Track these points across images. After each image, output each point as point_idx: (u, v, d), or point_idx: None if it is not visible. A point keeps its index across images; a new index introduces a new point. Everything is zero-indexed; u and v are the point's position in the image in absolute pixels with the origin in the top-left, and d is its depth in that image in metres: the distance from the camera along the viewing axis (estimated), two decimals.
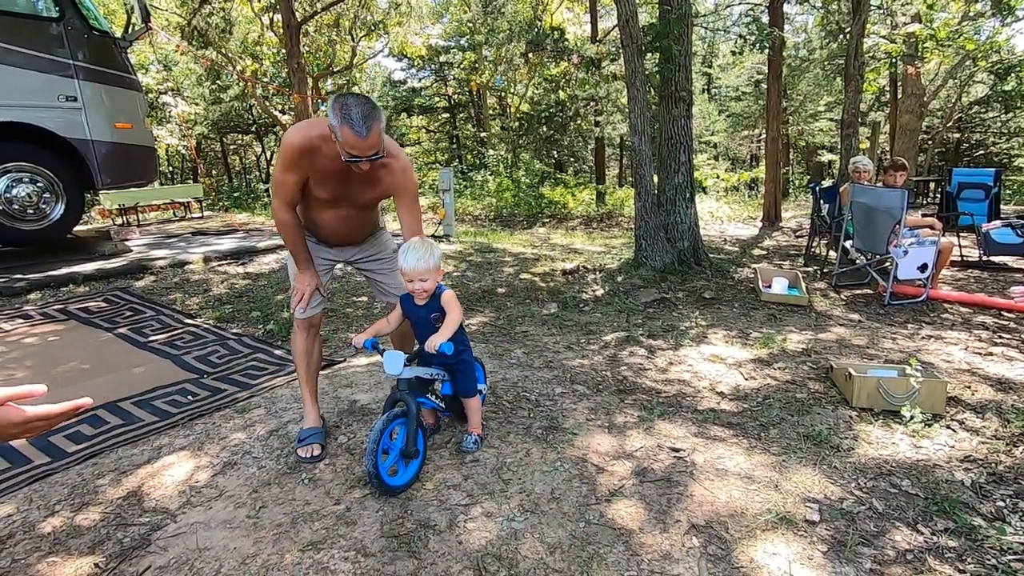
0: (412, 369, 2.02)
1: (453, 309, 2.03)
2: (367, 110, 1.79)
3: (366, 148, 1.82)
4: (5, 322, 3.85)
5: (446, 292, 2.05)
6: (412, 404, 1.95)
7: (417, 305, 2.05)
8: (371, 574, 1.59)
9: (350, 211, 2.16)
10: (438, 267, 1.99)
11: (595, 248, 7.51)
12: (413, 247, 1.96)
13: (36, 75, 5.14)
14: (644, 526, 1.76)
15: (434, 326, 2.02)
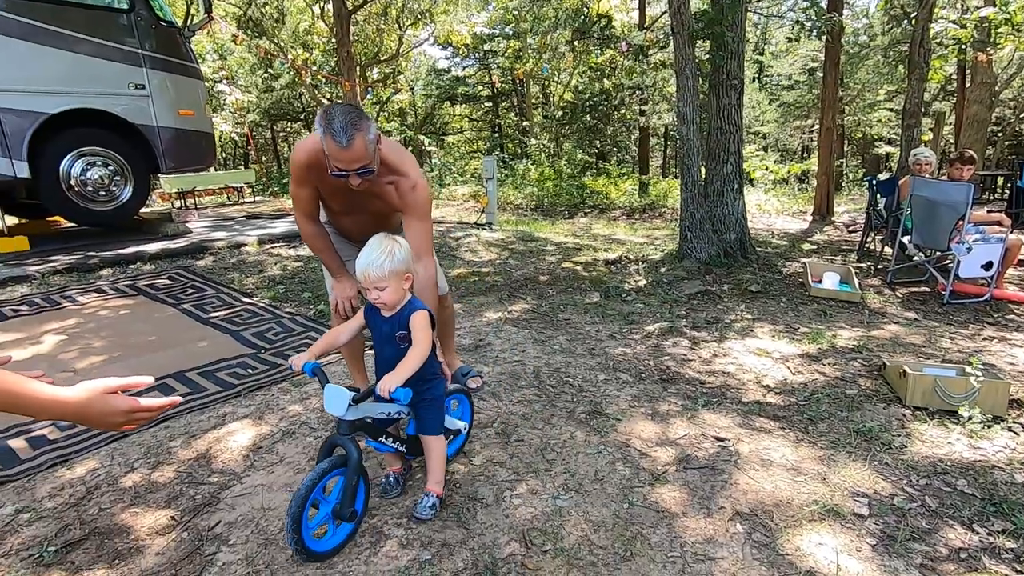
0: (360, 409, 1.58)
1: (421, 339, 1.61)
2: (350, 119, 1.65)
3: (349, 160, 1.68)
4: (81, 296, 4.14)
5: (417, 313, 1.64)
6: (353, 453, 1.55)
7: (382, 317, 1.69)
8: (422, 540, 1.67)
9: (366, 218, 2.09)
10: (399, 274, 1.60)
11: (637, 239, 7.44)
12: (368, 245, 1.61)
13: (109, 64, 5.44)
14: (687, 510, 1.78)
15: (398, 347, 1.64)
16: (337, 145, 1.65)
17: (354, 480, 1.58)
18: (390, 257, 1.58)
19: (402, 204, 1.94)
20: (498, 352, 3.16)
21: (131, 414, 0.96)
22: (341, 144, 1.65)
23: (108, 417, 0.94)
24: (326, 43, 16.54)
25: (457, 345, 3.27)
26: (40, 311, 3.84)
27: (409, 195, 1.92)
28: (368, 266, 1.57)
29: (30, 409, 0.85)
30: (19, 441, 2.25)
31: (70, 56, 5.18)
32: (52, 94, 5.12)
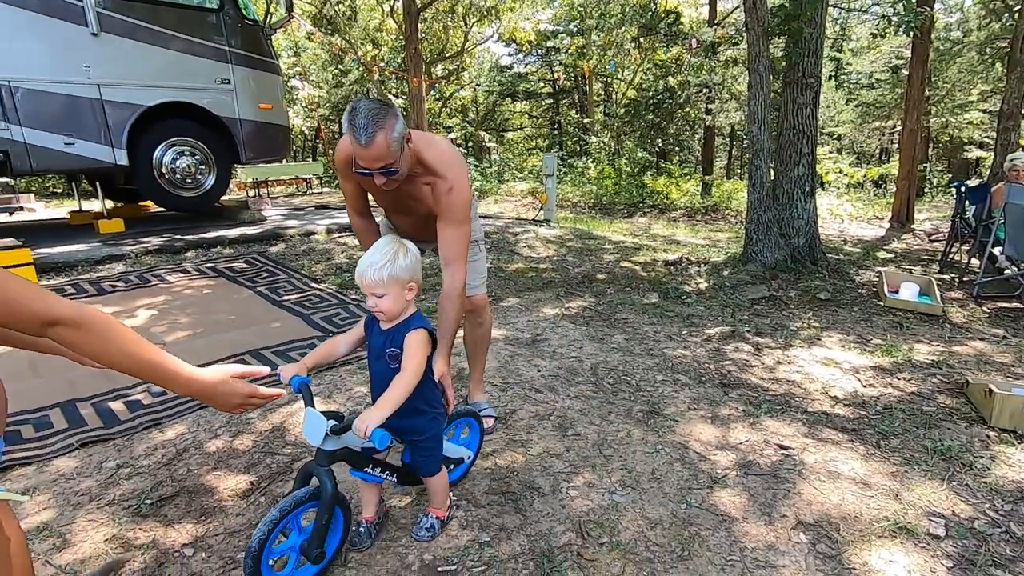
0: (339, 440, 1.40)
1: (409, 364, 1.41)
2: (372, 116, 1.56)
3: (371, 158, 1.60)
4: (169, 275, 4.47)
5: (414, 332, 1.44)
6: (328, 487, 1.38)
7: (378, 328, 1.51)
8: (480, 522, 1.73)
9: (415, 218, 2.01)
10: (400, 282, 1.42)
11: (699, 241, 7.26)
12: (373, 247, 1.45)
13: (199, 60, 5.83)
14: (748, 516, 1.75)
15: (388, 365, 1.46)
16: (357, 142, 1.57)
17: (326, 517, 1.39)
18: (391, 262, 1.40)
19: (437, 207, 1.83)
20: (555, 347, 3.19)
21: (248, 399, 1.06)
22: (360, 142, 1.57)
23: (230, 398, 1.03)
24: (394, 40, 17.00)
25: (514, 338, 3.33)
26: (134, 287, 4.18)
27: (444, 198, 1.80)
28: (366, 270, 1.40)
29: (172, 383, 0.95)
30: (118, 404, 2.48)
31: (165, 53, 5.59)
32: (149, 88, 5.55)
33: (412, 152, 1.74)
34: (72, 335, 0.80)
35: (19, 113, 4.87)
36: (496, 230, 6.44)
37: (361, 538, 1.62)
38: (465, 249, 1.87)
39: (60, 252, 4.81)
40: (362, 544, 1.61)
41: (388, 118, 1.58)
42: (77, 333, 0.81)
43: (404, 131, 1.65)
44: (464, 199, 1.83)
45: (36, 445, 2.13)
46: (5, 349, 3.08)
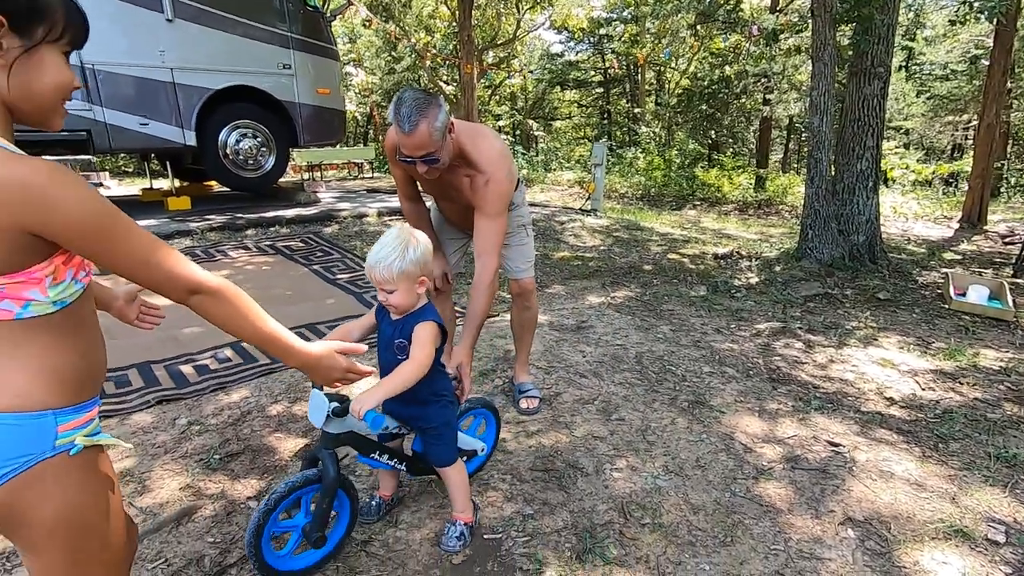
0: (341, 423, 1.38)
1: (417, 354, 1.37)
2: (416, 105, 1.61)
3: (412, 147, 1.65)
4: (232, 251, 4.71)
5: (422, 325, 1.39)
6: (330, 471, 1.36)
7: (390, 319, 1.47)
8: (524, 495, 1.78)
9: (459, 207, 2.05)
10: (410, 276, 1.36)
11: (750, 235, 7.07)
12: (381, 240, 1.39)
13: (262, 46, 6.06)
14: (793, 508, 1.74)
15: (395, 356, 1.44)
16: (401, 131, 1.62)
17: (327, 502, 1.37)
18: (401, 256, 1.34)
19: (474, 199, 1.87)
20: (600, 335, 3.20)
21: (347, 373, 1.11)
22: (404, 130, 1.62)
23: (331, 372, 1.08)
24: (447, 27, 17.11)
25: (559, 324, 3.36)
26: (200, 262, 4.42)
27: (481, 190, 1.83)
28: (375, 265, 1.35)
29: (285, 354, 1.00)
30: (188, 367, 2.65)
31: (232, 38, 5.84)
32: (217, 72, 5.81)
33: (455, 143, 1.79)
34: (209, 303, 0.88)
35: (101, 95, 5.20)
36: (543, 218, 6.45)
37: (371, 511, 1.64)
38: (498, 242, 1.88)
39: None
40: (369, 516, 1.64)
41: (432, 108, 1.63)
42: (214, 302, 0.88)
43: (447, 122, 1.69)
44: (500, 192, 1.85)
45: (117, 400, 2.32)
46: None
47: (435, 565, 1.50)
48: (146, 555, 1.51)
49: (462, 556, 1.53)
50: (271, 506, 1.32)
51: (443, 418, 1.54)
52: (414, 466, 1.60)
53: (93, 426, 0.87)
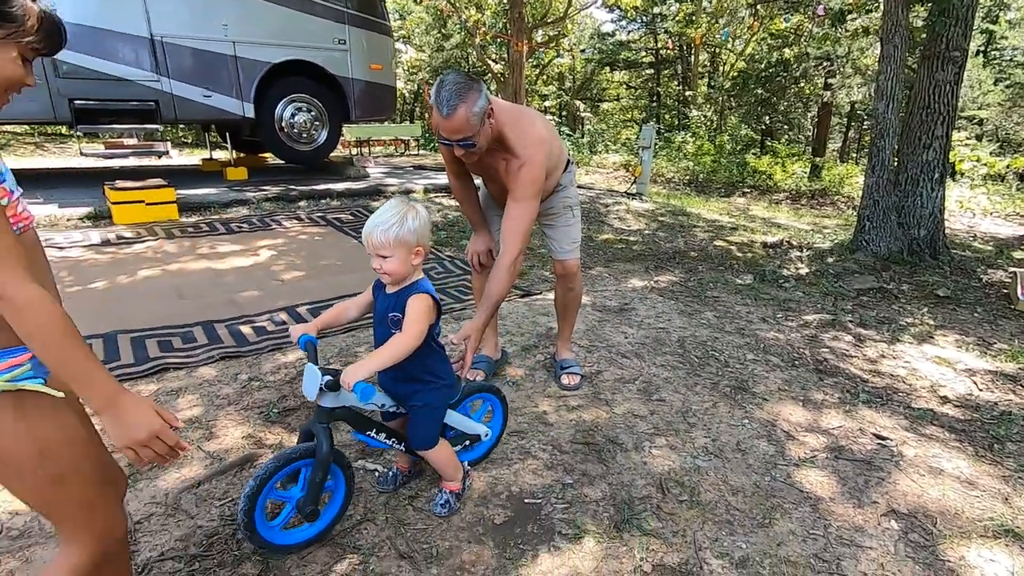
0: (334, 397, 1.38)
1: (408, 327, 1.36)
2: (456, 89, 1.64)
3: (450, 131, 1.69)
4: (286, 221, 4.89)
5: (416, 296, 1.39)
6: (323, 445, 1.36)
7: (385, 293, 1.46)
8: (564, 465, 1.83)
9: (500, 187, 2.06)
10: (407, 244, 1.36)
11: (802, 225, 6.84)
12: (383, 207, 1.40)
13: (319, 21, 6.18)
14: (835, 497, 1.73)
15: (390, 331, 1.42)
16: (440, 114, 1.66)
17: (319, 476, 1.36)
18: (399, 223, 1.35)
19: (506, 181, 1.90)
20: (643, 317, 3.20)
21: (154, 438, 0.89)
22: (443, 113, 1.65)
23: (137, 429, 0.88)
24: (497, 4, 16.94)
25: (602, 305, 3.38)
26: (256, 230, 4.62)
27: (514, 173, 1.86)
28: (373, 230, 1.36)
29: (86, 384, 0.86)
30: (247, 328, 2.81)
31: (291, 13, 5.98)
32: (275, 46, 5.97)
33: (494, 128, 1.81)
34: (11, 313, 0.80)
35: (168, 67, 5.43)
36: (587, 200, 6.42)
37: (386, 480, 1.67)
38: (526, 226, 1.89)
39: (195, 194, 5.38)
40: (384, 486, 1.67)
41: (471, 93, 1.65)
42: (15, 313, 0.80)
43: (486, 107, 1.71)
44: (532, 178, 1.87)
45: (184, 354, 2.48)
46: (156, 273, 3.53)
47: (478, 523, 1.57)
48: (214, 493, 1.64)
49: (503, 517, 1.60)
50: (265, 476, 1.31)
51: (432, 400, 1.50)
52: (410, 446, 1.57)
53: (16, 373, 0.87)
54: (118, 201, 4.50)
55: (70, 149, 10.79)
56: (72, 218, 4.52)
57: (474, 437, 1.75)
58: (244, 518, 1.30)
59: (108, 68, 5.15)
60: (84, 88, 5.09)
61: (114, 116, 5.40)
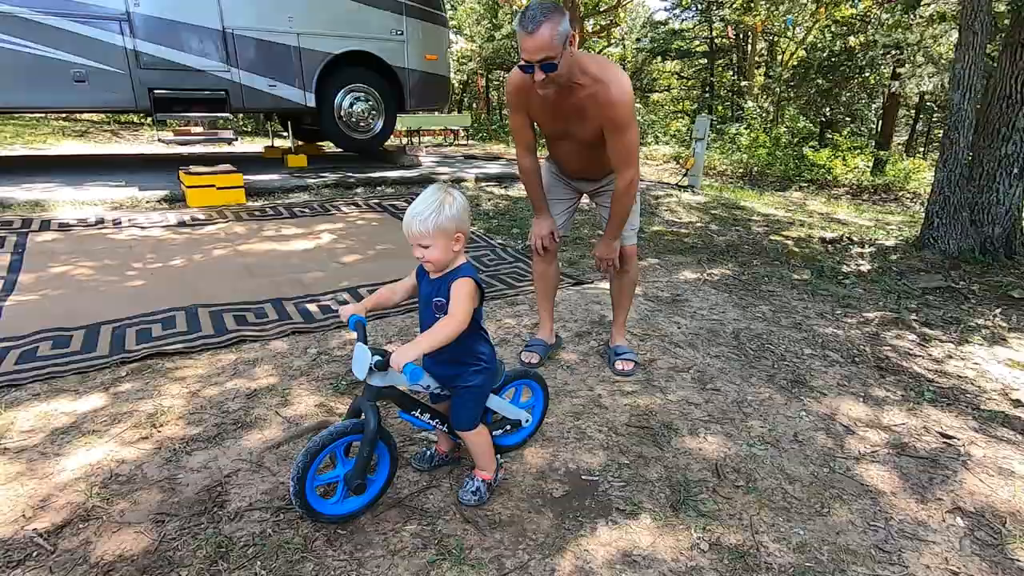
0: (382, 377, 1.43)
1: (455, 311, 1.40)
2: (542, 9, 1.67)
3: (533, 48, 1.69)
4: (344, 206, 5.08)
5: (460, 280, 1.42)
6: (371, 422, 1.41)
7: (429, 279, 1.51)
8: (620, 446, 1.88)
9: (580, 147, 2.10)
10: (446, 232, 1.39)
11: (863, 221, 6.58)
12: (420, 197, 1.42)
13: (378, 12, 6.34)
14: (897, 492, 1.71)
15: (434, 315, 1.47)
16: (523, 30, 1.68)
17: (367, 451, 1.42)
18: (436, 213, 1.37)
19: (601, 116, 1.89)
20: (696, 308, 3.19)
21: None
22: (527, 29, 1.67)
23: None
24: None
25: (654, 296, 3.38)
26: (317, 215, 4.82)
27: (607, 106, 1.86)
28: (411, 221, 1.38)
29: None
30: (313, 306, 2.96)
31: (352, 5, 6.15)
32: (336, 37, 6.17)
33: (575, 60, 1.82)
34: None
35: (238, 58, 5.70)
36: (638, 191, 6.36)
37: (423, 459, 1.72)
38: (633, 151, 1.99)
39: (260, 180, 5.65)
40: (421, 464, 1.72)
41: (556, 14, 1.69)
42: None
43: (569, 32, 1.74)
44: (628, 101, 1.89)
45: (258, 328, 2.65)
46: (228, 252, 3.75)
47: (537, 495, 1.64)
48: (292, 455, 1.77)
49: (562, 491, 1.66)
50: (307, 462, 1.38)
51: (474, 382, 1.53)
52: (454, 429, 1.61)
53: None
54: (192, 185, 4.78)
55: (142, 136, 11.44)
56: (151, 200, 4.83)
57: (515, 422, 1.78)
58: (297, 488, 1.37)
59: (184, 59, 5.45)
60: (162, 78, 5.41)
61: (187, 104, 5.71)
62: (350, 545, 1.43)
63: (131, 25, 5.16)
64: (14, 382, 2.09)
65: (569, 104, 1.93)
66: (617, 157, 1.98)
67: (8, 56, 4.78)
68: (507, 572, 1.37)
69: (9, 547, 1.38)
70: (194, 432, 1.85)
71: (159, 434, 1.84)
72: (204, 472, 1.67)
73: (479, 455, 1.61)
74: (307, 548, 1.41)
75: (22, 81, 4.89)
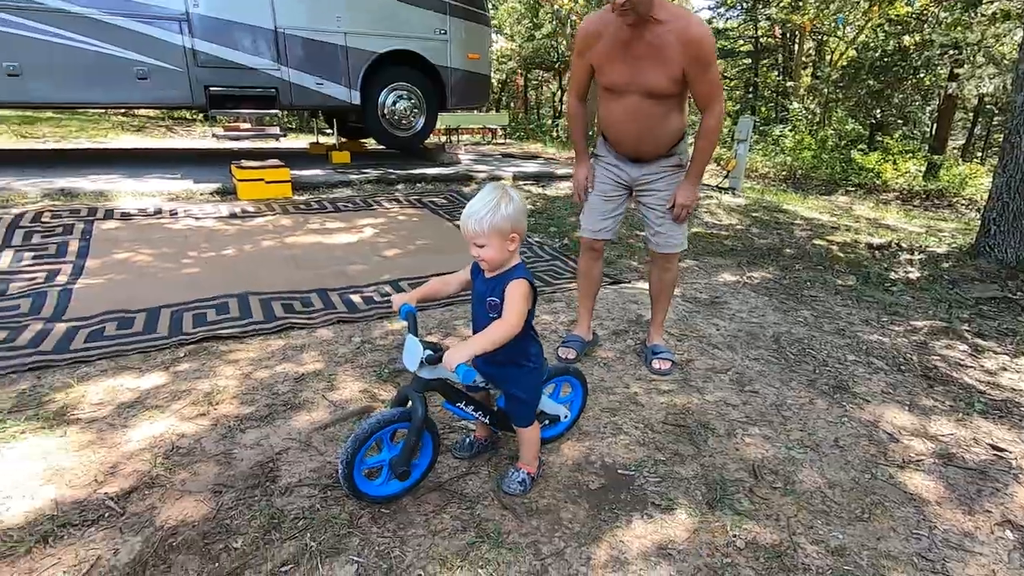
0: (431, 370, 1.47)
1: (510, 310, 1.41)
2: None
3: None
4: (386, 202, 5.20)
5: (515, 282, 1.43)
6: (418, 411, 1.45)
7: (484, 277, 1.52)
8: (656, 443, 1.89)
9: (640, 104, 2.05)
10: (501, 232, 1.40)
11: (914, 227, 6.35)
12: (477, 196, 1.43)
13: (422, 12, 6.45)
14: (942, 502, 1.68)
15: (487, 315, 1.49)
16: None
17: (413, 439, 1.47)
18: (492, 211, 1.38)
19: (685, 54, 1.91)
20: (735, 311, 3.16)
21: None
22: None
23: None
24: None
25: (692, 297, 3.36)
26: (360, 209, 4.95)
27: (692, 42, 1.90)
28: (467, 219, 1.41)
29: None
30: (357, 297, 3.06)
31: (397, 5, 6.28)
32: (381, 37, 6.31)
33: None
34: None
35: (288, 56, 5.90)
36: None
37: (463, 447, 1.77)
38: (719, 85, 2.04)
39: (305, 175, 5.83)
40: (461, 452, 1.76)
41: None
42: None
43: None
44: (711, 37, 1.95)
45: (305, 317, 2.76)
46: (275, 244, 3.89)
47: (573, 486, 1.67)
48: (338, 436, 1.85)
49: (598, 484, 1.69)
50: (356, 447, 1.43)
51: (529, 382, 1.58)
52: (496, 420, 1.66)
53: None
54: (243, 179, 4.98)
55: (195, 132, 11.93)
56: (204, 192, 5.06)
57: (554, 417, 1.82)
58: (345, 471, 1.44)
59: (238, 57, 5.68)
60: (217, 76, 5.65)
61: (238, 101, 5.94)
62: (393, 524, 1.49)
63: (190, 25, 5.40)
64: (84, 359, 2.25)
65: (645, 44, 1.95)
66: (705, 95, 2.02)
67: (78, 55, 5.07)
68: (544, 557, 1.41)
69: (84, 508, 1.49)
70: (247, 411, 1.96)
71: (215, 411, 1.95)
72: (257, 448, 1.77)
73: (527, 449, 1.64)
74: (353, 524, 1.48)
75: (91, 78, 5.19)
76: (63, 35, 4.99)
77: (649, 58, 1.95)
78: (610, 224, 2.40)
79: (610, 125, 2.22)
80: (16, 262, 3.25)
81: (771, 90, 19.71)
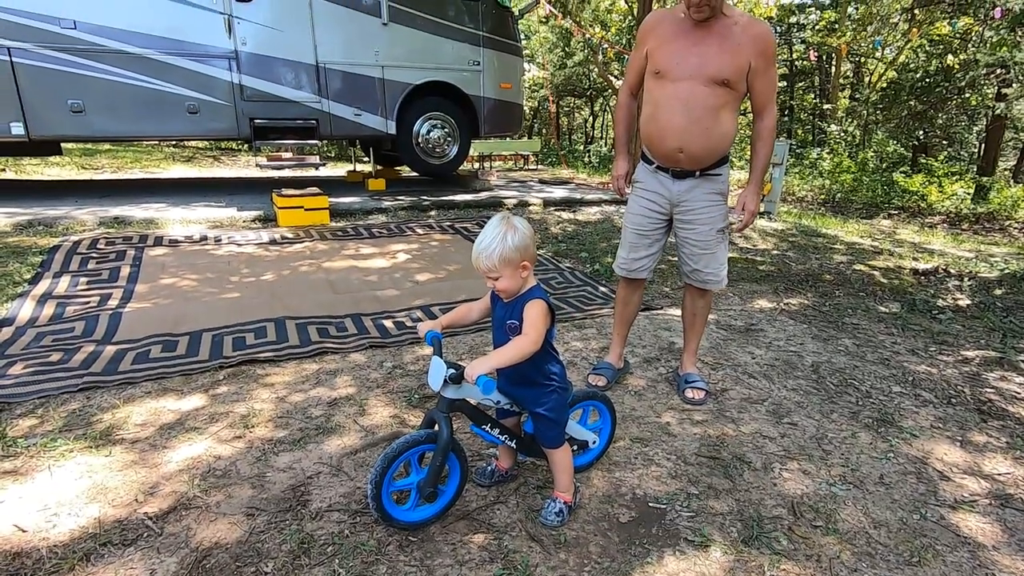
0: (456, 390, 1.49)
1: (529, 331, 1.45)
2: None
3: None
4: (419, 228, 5.30)
5: (532, 302, 1.48)
6: (444, 432, 1.48)
7: (502, 302, 1.56)
8: (689, 476, 1.84)
9: (694, 89, 2.01)
10: (511, 263, 1.44)
11: (962, 252, 6.08)
12: (484, 231, 1.47)
13: (456, 44, 6.65)
14: (999, 546, 1.57)
15: (507, 336, 1.52)
16: None
17: (439, 460, 1.48)
18: (500, 244, 1.43)
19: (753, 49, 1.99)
20: (772, 339, 3.07)
21: None
22: None
23: None
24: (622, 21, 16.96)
25: (726, 324, 3.29)
26: (394, 235, 5.06)
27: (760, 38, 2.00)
28: (478, 256, 1.46)
29: None
30: (389, 322, 3.11)
31: (432, 38, 6.50)
32: (417, 69, 6.52)
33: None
34: None
35: (328, 89, 6.15)
36: None
37: (484, 475, 1.76)
38: (775, 91, 2.11)
39: (342, 202, 6.01)
40: (482, 479, 1.75)
41: None
42: None
43: None
44: (774, 38, 2.07)
45: (339, 341, 2.82)
46: (312, 269, 4.00)
47: (603, 519, 1.64)
48: (368, 461, 1.87)
49: (628, 517, 1.65)
50: (394, 455, 1.46)
51: (553, 402, 1.59)
52: (524, 445, 1.67)
53: None
54: (283, 206, 5.16)
55: (240, 161, 12.47)
56: (246, 220, 5.26)
57: (582, 443, 1.81)
58: (374, 492, 1.45)
59: (281, 92, 5.95)
60: (262, 109, 5.93)
61: (281, 132, 6.20)
62: (420, 552, 1.49)
63: (238, 62, 5.71)
64: (131, 380, 2.34)
65: (715, 33, 2.02)
66: (766, 92, 2.08)
67: (135, 92, 5.41)
68: None
69: (125, 527, 1.54)
70: (281, 435, 2.00)
71: (251, 434, 1.99)
72: (289, 472, 1.80)
73: (560, 472, 1.63)
74: (380, 551, 1.48)
75: (146, 113, 5.52)
76: (122, 74, 5.34)
77: (717, 44, 2.01)
78: (646, 263, 2.35)
79: (656, 117, 2.12)
80: (72, 287, 3.43)
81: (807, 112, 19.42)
